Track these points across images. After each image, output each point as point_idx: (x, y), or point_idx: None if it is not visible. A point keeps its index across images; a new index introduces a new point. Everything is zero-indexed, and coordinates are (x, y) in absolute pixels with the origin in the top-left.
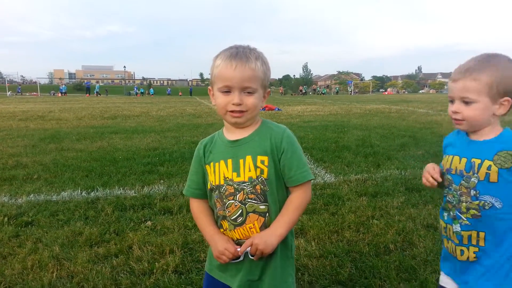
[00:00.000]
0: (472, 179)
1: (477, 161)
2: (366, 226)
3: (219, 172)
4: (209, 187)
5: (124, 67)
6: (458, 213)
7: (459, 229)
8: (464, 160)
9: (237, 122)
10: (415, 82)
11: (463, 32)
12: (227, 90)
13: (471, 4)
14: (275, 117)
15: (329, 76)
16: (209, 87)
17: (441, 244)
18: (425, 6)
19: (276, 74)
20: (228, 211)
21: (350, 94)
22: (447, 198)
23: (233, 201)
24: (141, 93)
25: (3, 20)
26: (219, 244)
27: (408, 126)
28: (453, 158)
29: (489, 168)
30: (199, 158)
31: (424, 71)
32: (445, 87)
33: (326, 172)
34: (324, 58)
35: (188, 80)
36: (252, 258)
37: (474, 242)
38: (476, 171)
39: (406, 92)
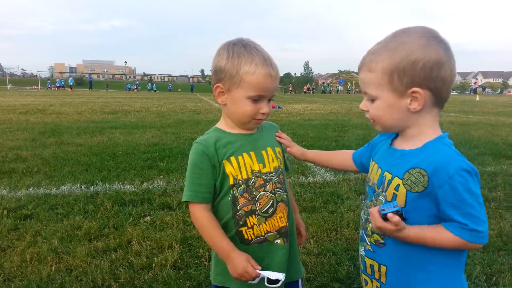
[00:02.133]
0: (380, 198)
1: (388, 176)
2: None
3: (245, 165)
4: (231, 182)
5: (125, 62)
6: (364, 234)
7: (363, 253)
8: (379, 171)
9: (254, 128)
10: None
11: (466, 32)
12: (258, 99)
13: (474, 3)
14: (275, 115)
15: (330, 75)
16: (219, 85)
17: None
18: (426, 5)
19: None
20: (259, 204)
21: (337, 93)
22: (361, 213)
23: (264, 192)
24: (136, 87)
25: (5, 13)
26: (239, 265)
27: None
28: (374, 166)
29: (396, 188)
30: (208, 156)
31: None
32: None
33: (325, 171)
34: (325, 56)
35: (189, 76)
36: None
37: (376, 275)
38: (385, 189)
39: None
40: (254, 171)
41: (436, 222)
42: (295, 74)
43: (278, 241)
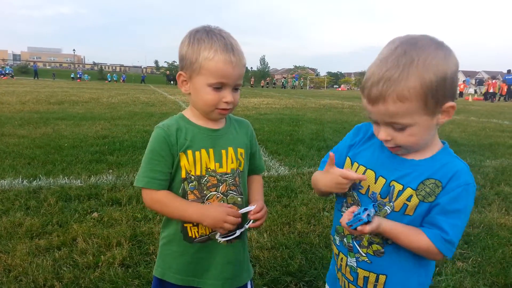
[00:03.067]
0: (385, 207)
1: (398, 187)
2: (317, 218)
3: (200, 162)
4: (183, 176)
5: (74, 50)
6: (356, 244)
7: (355, 264)
8: (382, 181)
9: (221, 118)
10: None
11: (410, 31)
12: (220, 87)
13: (417, 4)
14: None
15: (286, 70)
16: (182, 73)
17: (330, 268)
18: (374, 5)
19: None
20: (208, 203)
21: (292, 88)
22: (343, 219)
23: (215, 192)
24: (79, 77)
25: None
26: (219, 210)
27: (359, 121)
28: (365, 172)
29: (409, 198)
30: (169, 145)
31: None
32: None
33: (280, 165)
34: (281, 52)
35: (142, 67)
36: (246, 227)
37: (370, 287)
38: (393, 199)
39: (358, 89)
40: (209, 170)
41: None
42: (251, 68)
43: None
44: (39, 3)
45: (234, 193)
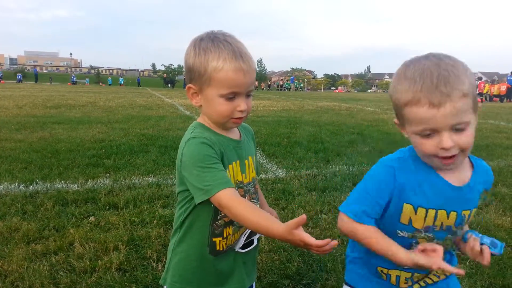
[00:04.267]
0: (462, 231)
1: (467, 213)
2: (315, 220)
3: (233, 175)
4: None
5: (70, 54)
6: (433, 275)
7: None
8: (453, 214)
9: (235, 127)
10: (364, 81)
11: (407, 33)
12: (233, 96)
13: (414, 7)
14: None
15: (283, 73)
16: (191, 85)
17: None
18: (373, 7)
19: None
20: None
21: (289, 90)
22: (438, 262)
23: None
24: (73, 82)
25: None
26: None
27: (356, 123)
28: (436, 213)
29: (474, 214)
30: (215, 150)
31: (372, 71)
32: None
33: (278, 167)
34: (278, 54)
35: (139, 70)
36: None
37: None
38: (466, 222)
39: (356, 91)
40: (238, 182)
41: None
42: None
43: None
44: (36, 6)
45: (254, 200)
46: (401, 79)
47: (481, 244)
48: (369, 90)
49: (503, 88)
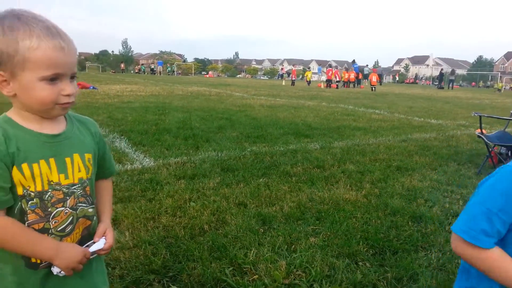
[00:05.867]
0: None
1: None
2: (183, 209)
3: (40, 175)
4: (19, 193)
5: None
6: None
7: None
8: None
9: (64, 114)
10: (233, 66)
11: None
12: (55, 78)
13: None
14: (89, 97)
15: (151, 55)
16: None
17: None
18: None
19: (91, 48)
20: (55, 221)
21: (154, 74)
22: None
23: (62, 208)
24: None
25: None
26: (77, 251)
27: (225, 108)
28: None
29: None
30: (1, 155)
31: (240, 57)
32: (259, 73)
33: (145, 157)
34: (145, 36)
35: None
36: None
37: None
38: None
39: (226, 76)
40: (52, 183)
41: None
42: (112, 52)
43: None
44: None
45: (83, 205)
46: None
47: None
48: (238, 76)
49: (352, 76)
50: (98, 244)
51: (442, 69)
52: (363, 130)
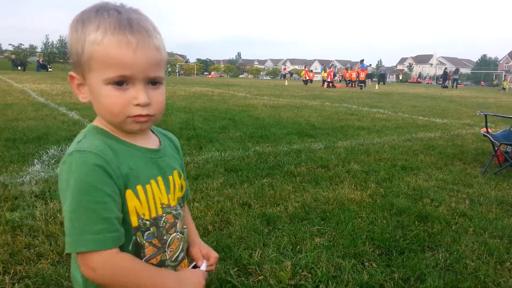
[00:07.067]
0: None
1: None
2: None
3: (153, 198)
4: (134, 224)
5: None
6: None
7: None
8: None
9: (141, 129)
10: (236, 67)
11: (269, 25)
12: (122, 81)
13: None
14: None
15: None
16: (72, 73)
17: None
18: None
19: None
20: (170, 250)
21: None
22: None
23: (175, 233)
24: None
25: None
26: (198, 275)
27: (228, 109)
28: None
29: None
30: (111, 176)
31: (243, 57)
32: (261, 73)
33: None
34: None
35: None
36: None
37: None
38: None
39: (228, 76)
40: (164, 206)
41: None
42: None
43: None
44: None
45: (185, 227)
46: None
47: None
48: (240, 76)
49: (362, 75)
50: (203, 263)
51: (446, 68)
52: (367, 130)
